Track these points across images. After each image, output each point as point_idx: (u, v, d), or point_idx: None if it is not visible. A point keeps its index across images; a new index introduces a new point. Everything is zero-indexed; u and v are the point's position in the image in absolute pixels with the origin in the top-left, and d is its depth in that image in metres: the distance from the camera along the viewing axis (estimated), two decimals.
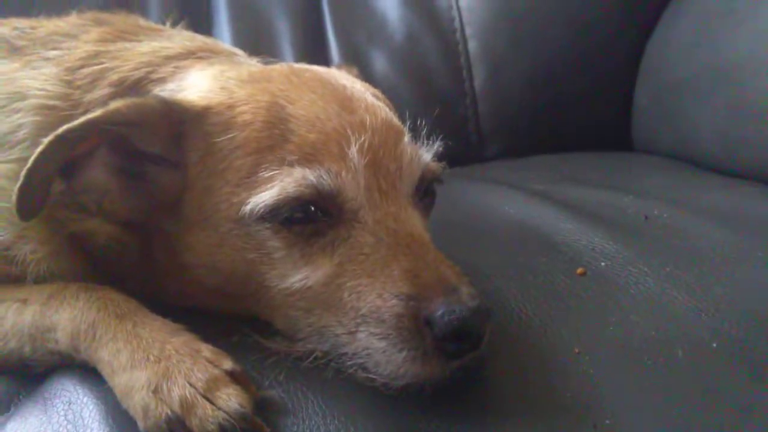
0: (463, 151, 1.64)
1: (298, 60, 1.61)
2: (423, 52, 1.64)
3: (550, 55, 1.59)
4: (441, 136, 0.80)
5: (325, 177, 0.67)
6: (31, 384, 0.72)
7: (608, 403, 0.65)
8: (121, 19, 0.93)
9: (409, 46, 1.64)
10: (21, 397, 0.71)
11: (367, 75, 1.59)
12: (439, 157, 0.80)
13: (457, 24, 1.64)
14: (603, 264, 0.84)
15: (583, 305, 0.77)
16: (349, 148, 0.69)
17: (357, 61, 1.62)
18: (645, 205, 1.02)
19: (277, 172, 0.67)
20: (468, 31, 1.64)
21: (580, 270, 0.83)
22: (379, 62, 1.65)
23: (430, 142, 0.79)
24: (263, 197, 0.67)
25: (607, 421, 0.63)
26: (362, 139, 0.69)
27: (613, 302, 0.77)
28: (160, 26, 0.97)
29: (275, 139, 0.68)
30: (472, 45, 1.63)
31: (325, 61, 1.64)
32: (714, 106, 1.28)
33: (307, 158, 0.68)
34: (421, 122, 0.80)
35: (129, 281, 0.76)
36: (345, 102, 0.73)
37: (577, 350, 0.70)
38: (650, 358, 0.69)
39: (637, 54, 1.54)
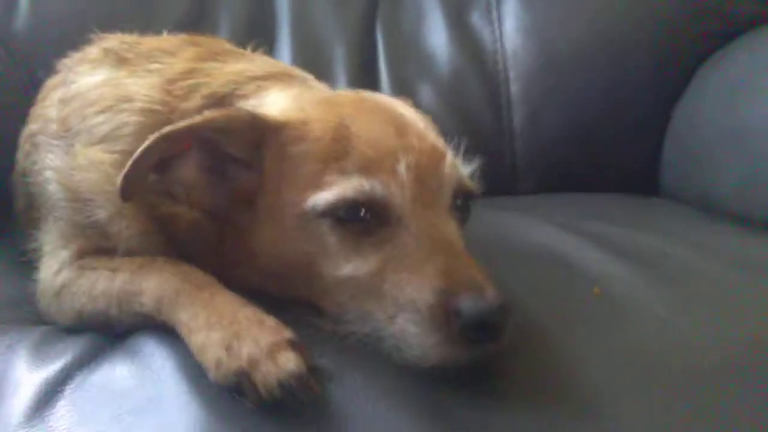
0: (499, 184, 1.75)
1: (349, 86, 1.76)
2: (467, 90, 1.77)
3: (585, 103, 1.71)
4: (479, 165, 0.92)
5: (377, 186, 0.79)
6: (116, 340, 0.85)
7: (608, 402, 0.74)
8: (211, 42, 1.08)
9: (455, 83, 1.77)
10: (107, 349, 0.83)
11: (413, 107, 1.74)
12: (476, 178, 0.91)
13: (500, 67, 1.77)
14: (617, 289, 0.94)
15: (595, 320, 0.87)
16: (398, 165, 0.81)
17: (405, 93, 1.75)
18: (664, 243, 1.11)
19: (338, 178, 0.80)
20: (511, 74, 1.76)
21: (596, 290, 0.93)
22: (426, 96, 1.77)
23: (468, 161, 0.91)
24: (325, 196, 0.79)
25: (606, 416, 0.73)
26: (410, 158, 0.82)
27: (623, 320, 0.86)
28: (243, 50, 1.12)
29: (339, 153, 0.81)
30: (514, 87, 1.75)
31: (375, 91, 1.76)
32: (734, 165, 1.39)
33: (364, 170, 0.80)
34: (458, 142, 0.92)
35: (203, 263, 0.88)
36: (400, 126, 0.86)
37: (586, 355, 0.80)
38: (651, 370, 0.78)
39: (667, 109, 1.65)
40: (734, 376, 0.78)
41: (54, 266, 0.93)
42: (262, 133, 0.84)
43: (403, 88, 1.77)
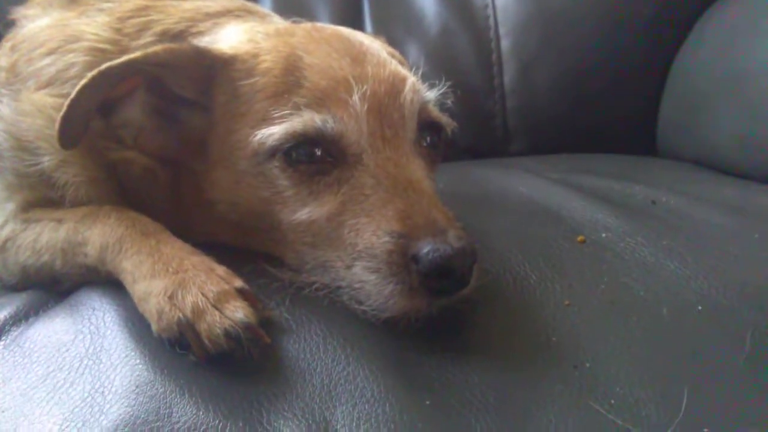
0: (489, 145, 1.69)
1: None
2: (456, 48, 1.69)
3: (578, 57, 1.62)
4: (448, 88, 0.85)
5: (329, 121, 0.73)
6: (60, 296, 0.79)
7: (590, 349, 0.68)
8: None
9: (444, 40, 1.69)
10: (50, 304, 0.77)
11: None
12: (447, 111, 0.84)
13: (491, 22, 1.69)
14: (603, 235, 0.88)
15: (578, 267, 0.81)
16: (353, 96, 0.74)
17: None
18: (654, 193, 1.05)
19: (288, 113, 0.73)
20: (501, 30, 1.68)
21: (580, 238, 0.87)
22: (414, 54, 1.69)
23: (436, 85, 0.84)
24: (273, 131, 0.73)
25: (588, 364, 0.67)
26: (365, 88, 0.75)
27: (607, 266, 0.81)
28: None
29: (290, 85, 0.75)
30: (505, 43, 1.67)
31: None
32: (733, 112, 1.31)
33: (317, 103, 0.74)
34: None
35: (158, 214, 0.82)
36: (358, 56, 0.79)
37: (567, 303, 0.74)
38: (636, 315, 0.72)
39: (664, 66, 1.57)
40: (722, 322, 0.72)
41: None
42: (210, 69, 0.77)
43: (390, 47, 1.70)
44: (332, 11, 1.70)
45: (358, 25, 1.72)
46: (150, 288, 0.69)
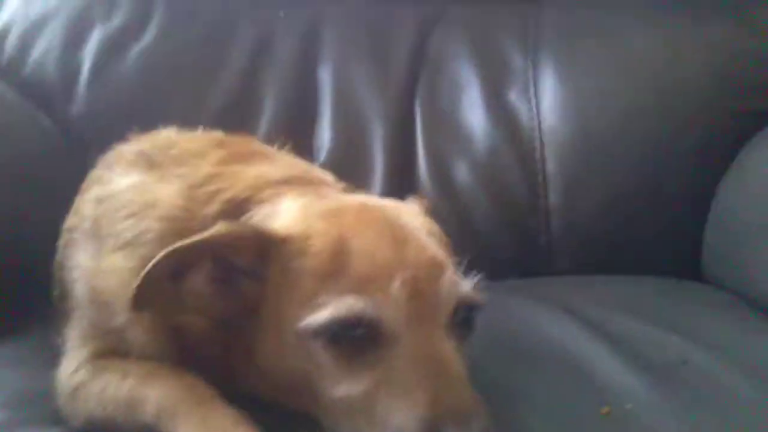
0: (534, 262, 1.74)
1: (386, 162, 1.79)
2: (503, 166, 1.76)
3: (622, 179, 1.67)
4: (481, 277, 0.91)
5: (370, 306, 0.80)
6: None
7: None
8: (239, 142, 1.14)
9: (491, 159, 1.77)
10: None
11: (449, 184, 1.76)
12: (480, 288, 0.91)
13: (537, 144, 1.76)
14: (628, 406, 0.91)
15: None
16: (394, 283, 0.82)
17: (441, 170, 1.78)
18: (688, 348, 1.08)
19: (332, 298, 0.81)
20: (547, 151, 1.75)
21: (605, 410, 0.90)
22: (462, 172, 1.78)
23: (472, 274, 0.90)
24: (318, 317, 0.81)
25: None
26: (406, 274, 0.82)
27: None
28: (268, 150, 1.17)
29: (336, 269, 0.83)
30: (550, 164, 1.73)
31: (412, 166, 1.80)
32: None
33: (360, 288, 0.81)
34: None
35: (213, 370, 0.91)
36: (399, 240, 0.87)
37: None
38: None
39: (708, 193, 1.60)
40: None
41: (72, 365, 0.98)
42: (267, 247, 0.87)
43: (439, 165, 1.80)
44: (385, 134, 1.81)
45: (410, 144, 1.82)
46: None
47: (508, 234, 1.74)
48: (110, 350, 0.97)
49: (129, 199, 1.01)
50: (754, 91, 1.63)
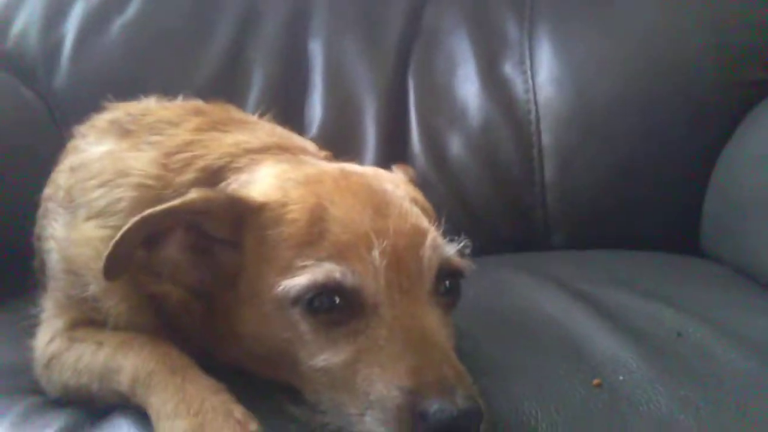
0: (530, 237, 1.70)
1: (379, 137, 1.75)
2: (498, 140, 1.72)
3: (619, 153, 1.63)
4: (466, 242, 0.87)
5: (348, 274, 0.77)
6: (95, 418, 0.85)
7: None
8: (217, 110, 1.09)
9: (486, 133, 1.73)
10: (86, 427, 0.84)
11: (443, 158, 1.72)
12: (465, 255, 0.87)
13: (532, 117, 1.72)
14: (621, 378, 0.88)
15: (590, 417, 0.81)
16: (373, 250, 0.78)
17: (435, 144, 1.74)
18: (683, 320, 1.04)
19: (310, 264, 0.78)
20: (543, 124, 1.70)
21: (596, 381, 0.87)
22: (456, 146, 1.75)
23: (457, 239, 0.87)
24: (296, 282, 0.78)
25: None
26: (385, 243, 0.79)
27: (619, 418, 0.81)
28: (248, 117, 1.13)
29: (314, 236, 0.80)
30: (546, 138, 1.70)
31: (405, 141, 1.76)
32: None
33: (338, 256, 0.78)
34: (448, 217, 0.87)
35: (192, 340, 0.88)
36: (380, 207, 0.83)
37: None
38: None
39: (707, 164, 1.56)
40: None
41: (47, 335, 0.96)
42: (242, 215, 0.83)
43: (433, 139, 1.76)
44: (378, 107, 1.77)
45: (403, 118, 1.78)
46: (173, 428, 0.74)
47: (503, 208, 1.71)
48: (86, 320, 0.94)
49: (101, 168, 0.98)
50: (754, 61, 1.58)
